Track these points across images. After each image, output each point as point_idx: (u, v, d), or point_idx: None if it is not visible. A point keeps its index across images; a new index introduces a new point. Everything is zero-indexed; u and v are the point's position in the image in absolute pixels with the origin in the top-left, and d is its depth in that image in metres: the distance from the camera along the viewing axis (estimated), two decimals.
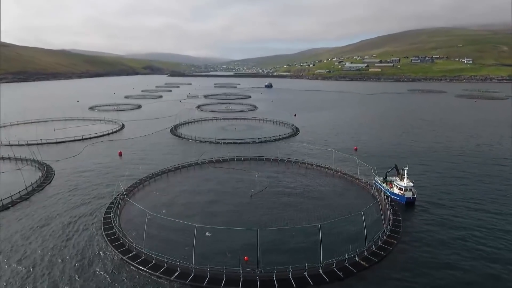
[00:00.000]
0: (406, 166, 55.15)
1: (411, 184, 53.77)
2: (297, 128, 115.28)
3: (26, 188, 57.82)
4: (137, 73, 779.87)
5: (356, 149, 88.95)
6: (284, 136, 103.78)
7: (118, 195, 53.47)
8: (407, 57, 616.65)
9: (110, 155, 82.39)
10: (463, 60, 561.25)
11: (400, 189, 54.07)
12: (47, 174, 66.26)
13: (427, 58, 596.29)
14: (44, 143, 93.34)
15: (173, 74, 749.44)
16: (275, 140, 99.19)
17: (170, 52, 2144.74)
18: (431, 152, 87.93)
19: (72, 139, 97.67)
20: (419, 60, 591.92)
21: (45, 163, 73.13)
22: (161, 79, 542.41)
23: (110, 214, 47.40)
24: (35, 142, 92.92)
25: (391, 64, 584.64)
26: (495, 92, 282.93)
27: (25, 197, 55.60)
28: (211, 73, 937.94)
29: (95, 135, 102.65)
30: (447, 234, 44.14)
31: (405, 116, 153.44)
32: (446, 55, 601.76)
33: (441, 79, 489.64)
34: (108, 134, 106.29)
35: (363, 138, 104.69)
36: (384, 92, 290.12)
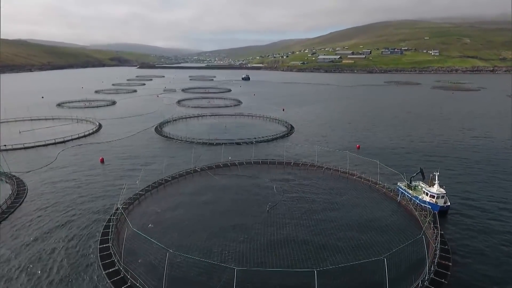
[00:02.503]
0: (437, 171, 50.44)
1: (443, 190, 49.13)
2: (291, 125, 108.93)
3: None
4: (103, 65, 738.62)
5: (358, 147, 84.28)
6: (280, 134, 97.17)
7: (112, 215, 44.73)
8: (378, 49, 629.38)
9: (90, 162, 71.95)
10: (430, 52, 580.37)
11: (431, 196, 49.27)
12: (18, 190, 55.39)
13: (396, 50, 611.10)
14: (10, 149, 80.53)
15: (142, 66, 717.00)
16: (273, 139, 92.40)
17: (137, 43, 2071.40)
18: (434, 147, 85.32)
19: (43, 143, 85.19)
20: (389, 52, 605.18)
21: (14, 176, 61.81)
22: (131, 72, 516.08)
23: (108, 243, 38.75)
24: None
25: (363, 56, 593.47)
26: (465, 83, 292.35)
27: None
28: (182, 64, 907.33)
29: (69, 137, 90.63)
30: (495, 241, 41.08)
31: (393, 109, 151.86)
32: (414, 47, 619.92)
33: (410, 71, 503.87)
34: (85, 136, 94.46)
35: (360, 134, 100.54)
36: (362, 84, 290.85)
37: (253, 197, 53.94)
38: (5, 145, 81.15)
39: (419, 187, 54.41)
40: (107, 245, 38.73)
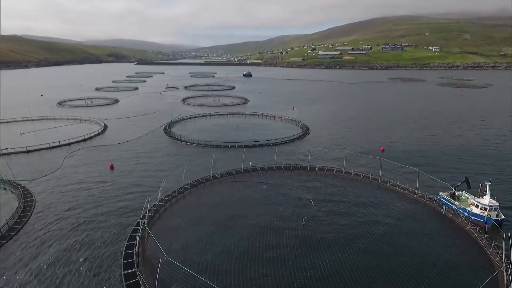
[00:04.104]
0: (489, 181, 45.98)
1: (496, 202, 44.79)
2: (306, 125, 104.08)
3: None
4: (101, 61, 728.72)
5: (383, 150, 79.87)
6: (297, 135, 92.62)
7: (136, 232, 40.02)
8: (378, 45, 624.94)
9: (100, 168, 66.85)
10: (431, 48, 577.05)
11: (483, 208, 44.91)
12: (25, 202, 50.36)
13: (396, 46, 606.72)
14: (12, 153, 75.28)
15: (140, 62, 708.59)
16: (289, 141, 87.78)
17: (134, 39, 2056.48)
18: (459, 148, 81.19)
19: (47, 146, 79.97)
20: (389, 48, 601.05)
21: (20, 185, 56.73)
22: (129, 68, 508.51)
23: (134, 268, 34.10)
24: None
25: (364, 52, 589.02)
26: (471, 80, 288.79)
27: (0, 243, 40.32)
28: (180, 60, 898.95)
29: (75, 139, 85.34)
30: None
31: (405, 107, 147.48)
32: (414, 43, 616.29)
33: (412, 67, 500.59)
34: (90, 138, 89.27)
35: (379, 134, 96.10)
36: (366, 81, 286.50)
37: (283, 207, 49.27)
38: (6, 149, 75.89)
39: (463, 197, 50.23)
40: (132, 270, 34.05)
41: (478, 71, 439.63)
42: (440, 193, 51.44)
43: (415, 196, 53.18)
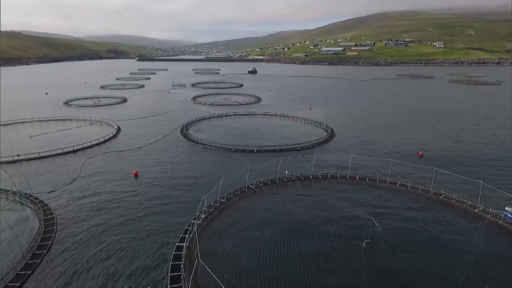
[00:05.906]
0: None
1: None
2: (331, 127, 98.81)
3: (23, 256, 36.97)
4: (101, 57, 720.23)
5: (421, 155, 74.73)
6: (323, 139, 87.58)
7: (182, 255, 34.96)
8: (380, 41, 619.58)
9: (123, 177, 61.39)
10: (435, 43, 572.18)
11: None
12: (46, 220, 45.06)
13: (400, 42, 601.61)
14: (23, 160, 69.86)
15: (141, 58, 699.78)
16: (318, 144, 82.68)
17: (133, 34, 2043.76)
18: (502, 151, 75.93)
19: (61, 151, 74.40)
20: (393, 44, 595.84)
21: (37, 198, 51.42)
22: (131, 64, 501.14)
23: None
24: (11, 158, 69.26)
25: (367, 48, 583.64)
26: (481, 77, 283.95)
27: (25, 274, 35.11)
28: (180, 57, 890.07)
29: (89, 143, 79.89)
30: None
31: (426, 106, 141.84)
32: (418, 39, 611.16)
33: (416, 63, 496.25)
34: (105, 141, 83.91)
35: (411, 137, 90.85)
36: (376, 78, 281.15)
37: (334, 223, 44.19)
38: (18, 155, 70.32)
39: None
40: None
41: (483, 67, 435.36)
42: (506, 208, 46.47)
43: (476, 211, 48.19)
